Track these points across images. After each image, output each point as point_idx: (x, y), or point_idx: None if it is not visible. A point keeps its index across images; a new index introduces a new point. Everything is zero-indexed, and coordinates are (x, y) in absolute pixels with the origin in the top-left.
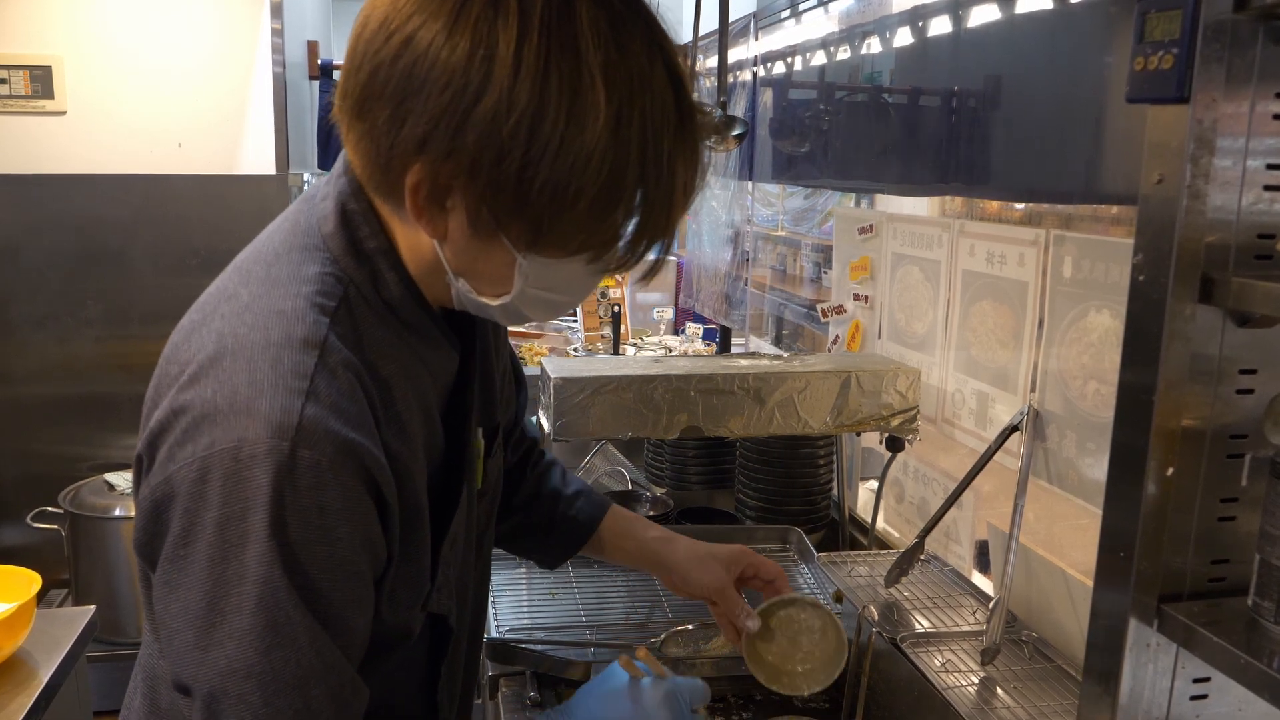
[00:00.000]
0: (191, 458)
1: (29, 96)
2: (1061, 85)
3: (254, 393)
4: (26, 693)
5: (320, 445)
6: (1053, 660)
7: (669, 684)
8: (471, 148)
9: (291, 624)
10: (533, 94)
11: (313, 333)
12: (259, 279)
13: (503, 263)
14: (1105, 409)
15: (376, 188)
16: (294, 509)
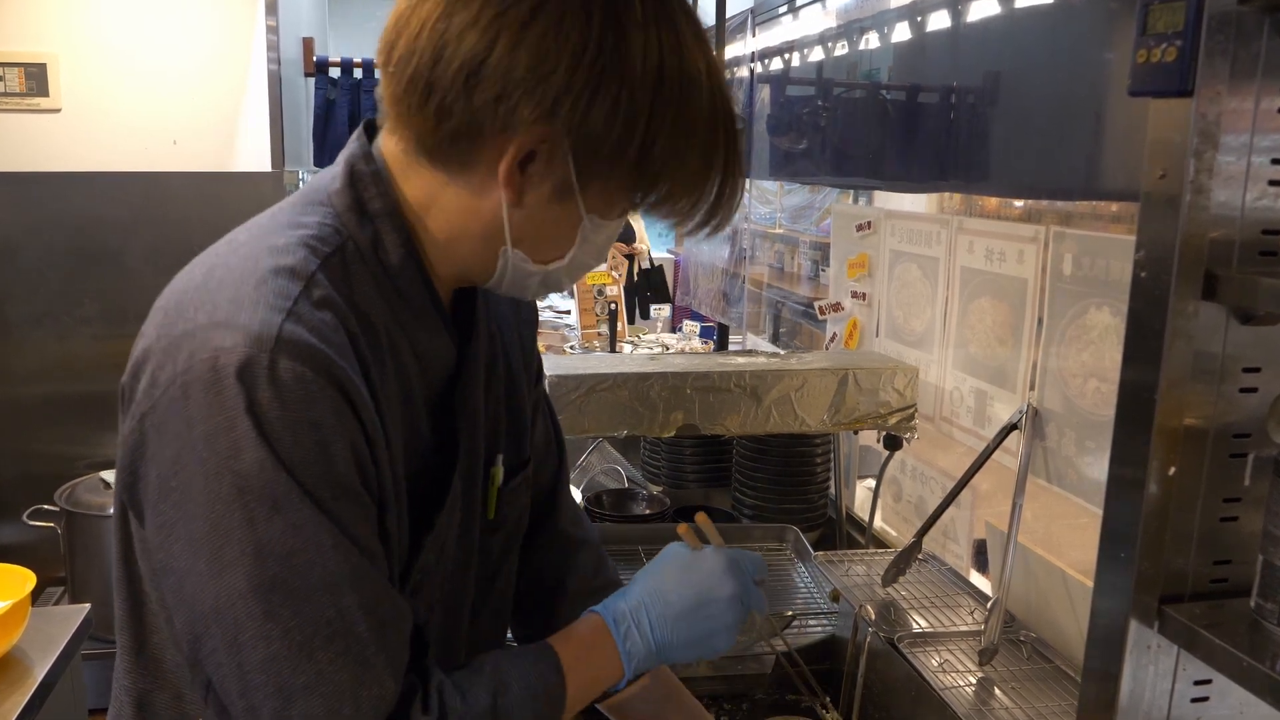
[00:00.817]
0: (172, 377)
1: (24, 94)
2: (1061, 81)
3: (232, 310)
4: (21, 691)
5: (303, 358)
6: (1051, 660)
7: (731, 553)
8: (602, 111)
9: (308, 525)
10: (657, 56)
11: (301, 265)
12: (251, 225)
13: (569, 226)
14: (1105, 407)
15: (439, 157)
16: (283, 422)
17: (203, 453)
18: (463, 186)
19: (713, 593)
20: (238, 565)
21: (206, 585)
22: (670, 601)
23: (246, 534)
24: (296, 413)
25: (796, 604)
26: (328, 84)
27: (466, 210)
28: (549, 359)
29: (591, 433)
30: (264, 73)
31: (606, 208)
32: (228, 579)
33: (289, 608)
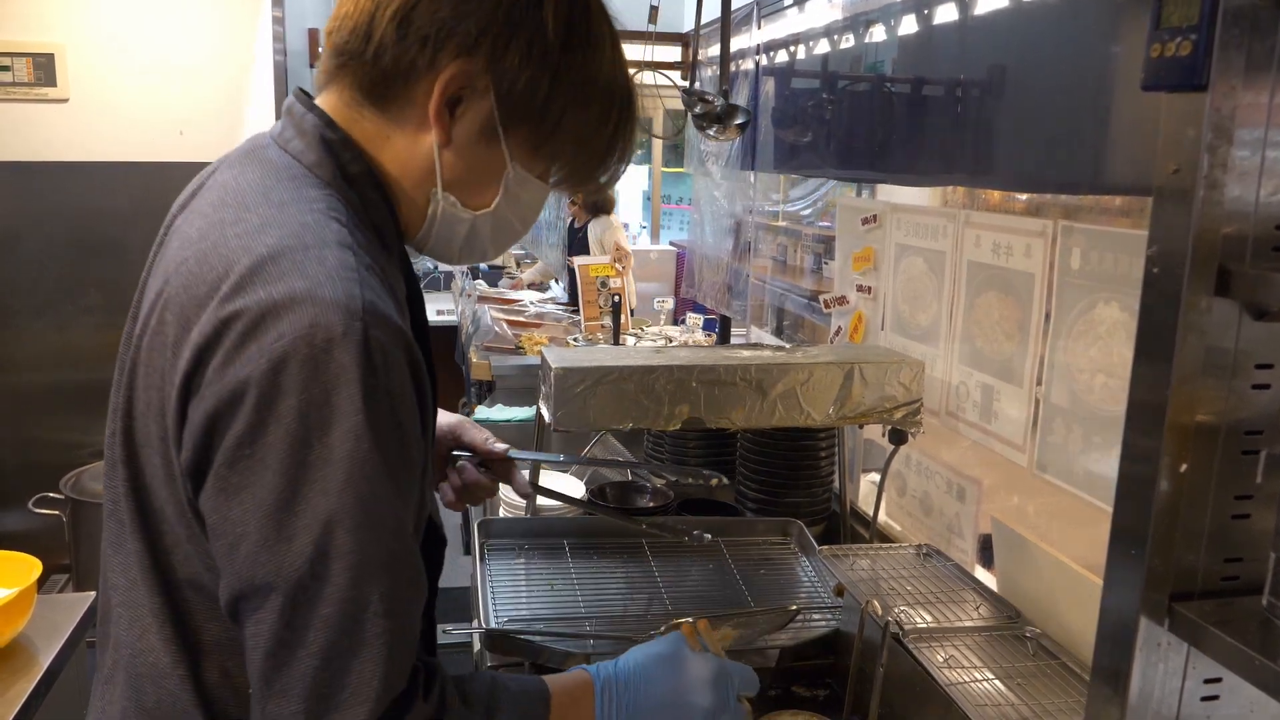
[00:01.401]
0: (258, 353)
1: (32, 84)
2: (1068, 74)
3: (312, 285)
4: (27, 678)
5: (385, 328)
6: (1056, 657)
7: (722, 663)
8: (517, 54)
9: (378, 502)
10: (567, 14)
11: (341, 236)
12: (259, 204)
13: (493, 171)
14: (1113, 402)
15: (379, 100)
16: (372, 391)
17: (289, 422)
18: (400, 134)
19: (689, 698)
20: (308, 531)
21: (270, 549)
22: (651, 693)
23: (321, 504)
24: (384, 382)
25: (800, 598)
26: None
27: (404, 155)
28: (553, 352)
29: (597, 425)
30: (269, 64)
31: (527, 158)
32: (296, 544)
33: (348, 577)
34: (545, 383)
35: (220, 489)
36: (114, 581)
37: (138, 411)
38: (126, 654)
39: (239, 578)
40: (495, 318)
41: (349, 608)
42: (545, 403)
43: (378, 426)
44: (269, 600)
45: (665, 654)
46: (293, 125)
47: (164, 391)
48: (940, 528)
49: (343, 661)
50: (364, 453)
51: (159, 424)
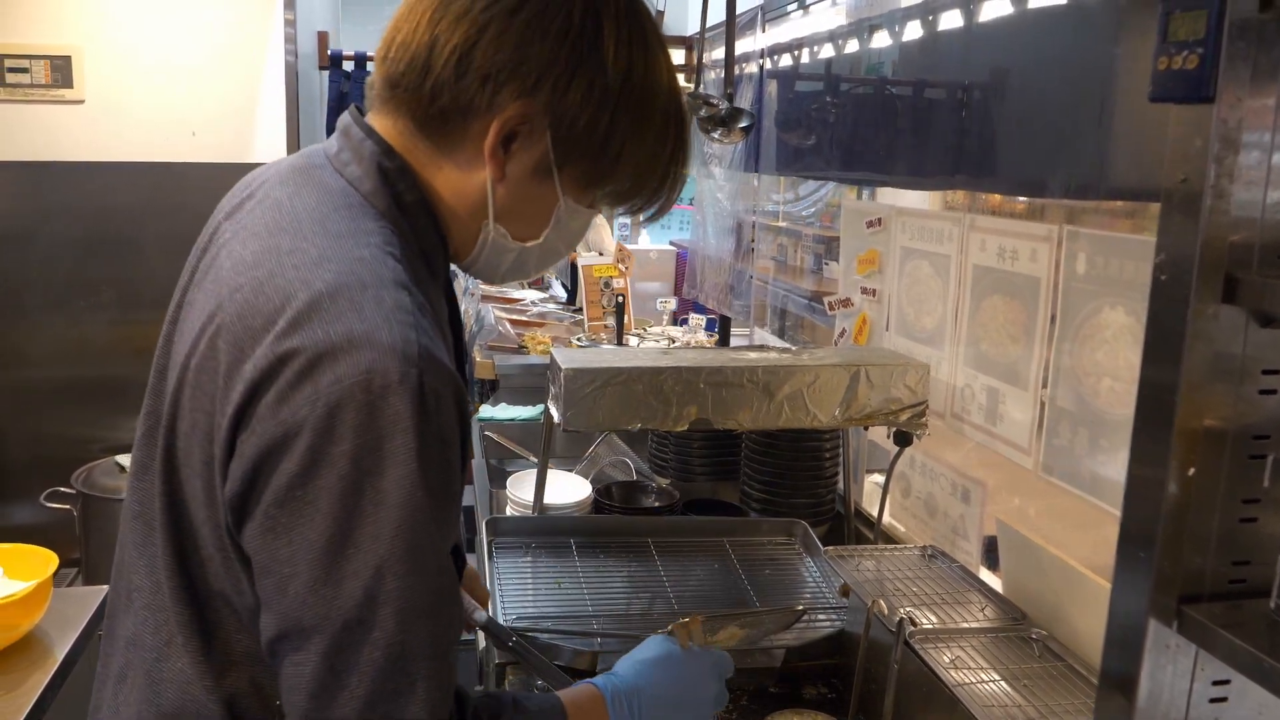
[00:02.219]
0: (314, 396)
1: (49, 85)
2: (1074, 79)
3: (370, 328)
4: (43, 669)
5: (438, 373)
6: (1063, 659)
7: (712, 654)
8: (578, 94)
9: (425, 548)
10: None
11: (397, 274)
12: (317, 234)
13: (545, 206)
14: (1119, 406)
15: (433, 135)
16: (424, 436)
17: (343, 466)
18: (453, 165)
19: (695, 692)
20: (357, 576)
21: (318, 592)
22: (659, 695)
23: (372, 549)
24: (435, 428)
25: (805, 598)
26: (341, 77)
27: (457, 187)
28: (562, 352)
29: (605, 426)
30: (281, 66)
31: (579, 192)
32: (346, 588)
33: (396, 621)
34: (555, 383)
35: (269, 528)
36: (137, 583)
37: (181, 430)
38: (149, 657)
39: (285, 617)
40: (498, 317)
41: (395, 651)
42: (554, 403)
43: (428, 471)
44: (312, 642)
45: (660, 656)
46: (350, 148)
47: (213, 419)
48: (945, 529)
49: (388, 706)
50: (417, 499)
51: (204, 449)
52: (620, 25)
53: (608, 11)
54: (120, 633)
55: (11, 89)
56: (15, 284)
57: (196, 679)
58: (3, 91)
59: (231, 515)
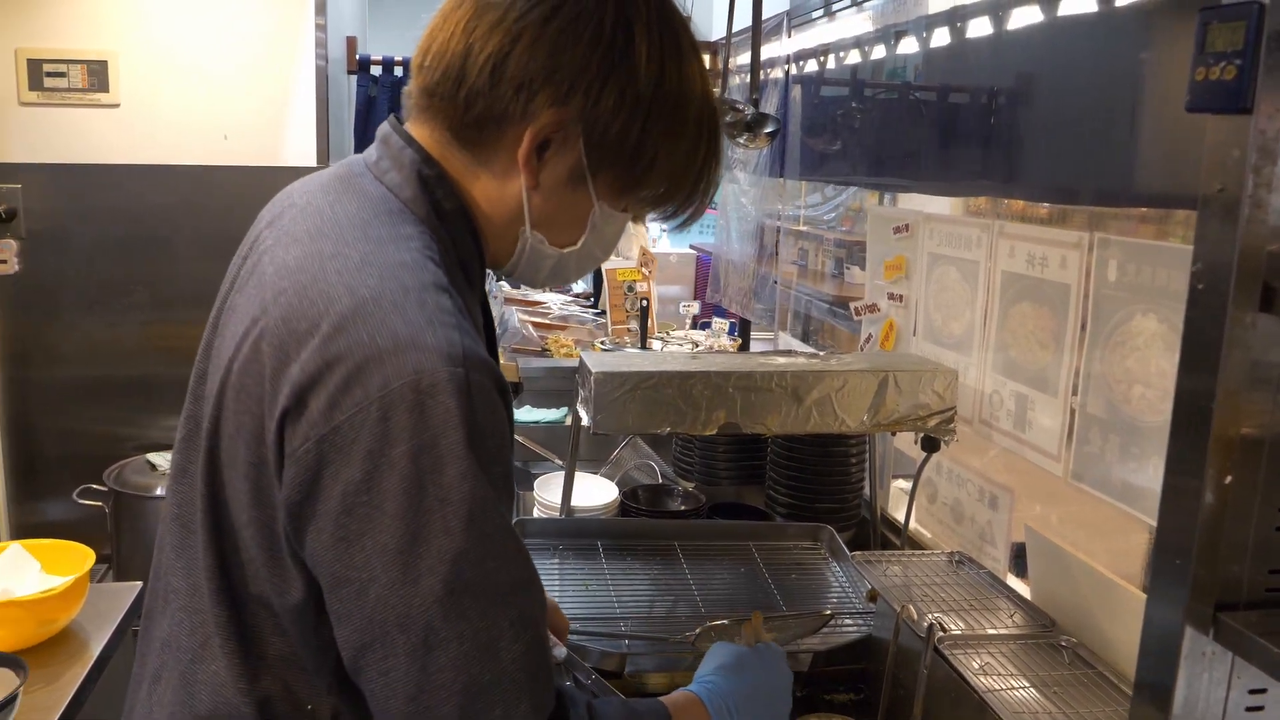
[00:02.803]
0: (365, 400)
1: (85, 90)
2: (1104, 85)
3: (414, 331)
4: (81, 663)
5: (483, 370)
6: (1093, 666)
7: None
8: (610, 101)
9: (497, 533)
10: (658, 59)
11: (437, 278)
12: (359, 239)
13: (580, 212)
14: (1151, 413)
15: (468, 144)
16: (476, 431)
17: (404, 468)
18: (489, 174)
19: (778, 682)
20: (434, 573)
21: (397, 592)
22: (750, 694)
23: (444, 543)
24: (486, 423)
25: (831, 603)
26: (369, 81)
27: (493, 195)
28: (592, 356)
29: (635, 429)
30: (312, 70)
31: (613, 198)
32: (424, 585)
33: (477, 609)
34: (584, 386)
35: (340, 536)
36: (175, 585)
37: (225, 432)
38: (185, 659)
39: (369, 624)
40: (522, 320)
41: (483, 639)
42: (584, 406)
43: (484, 464)
44: (398, 645)
45: (737, 658)
46: (389, 156)
47: (261, 421)
48: (972, 535)
49: (488, 696)
50: (478, 490)
51: (250, 450)
52: (652, 33)
53: (639, 20)
54: (156, 634)
55: (49, 93)
56: (50, 284)
57: (231, 681)
58: (40, 95)
59: (291, 522)
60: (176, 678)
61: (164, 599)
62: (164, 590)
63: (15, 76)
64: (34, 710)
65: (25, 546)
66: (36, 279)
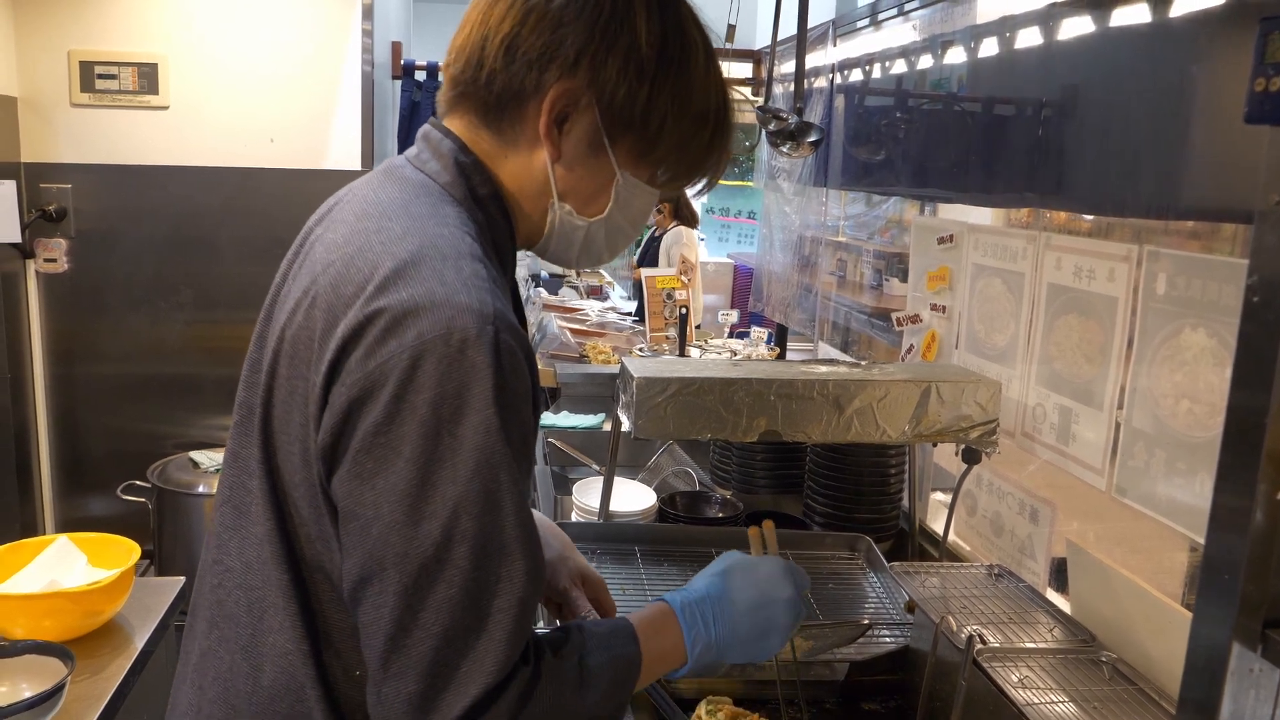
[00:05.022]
0: (399, 349)
1: (135, 92)
2: (1154, 97)
3: (450, 290)
4: (125, 655)
5: (512, 332)
6: (1134, 683)
7: (784, 560)
8: (614, 68)
9: (501, 490)
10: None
11: (473, 249)
12: (401, 216)
13: (604, 181)
14: (1198, 429)
15: (495, 123)
16: (501, 388)
17: (423, 413)
18: (515, 153)
19: (772, 594)
20: (435, 517)
21: (399, 531)
22: (733, 600)
23: (449, 490)
24: (511, 381)
25: (868, 613)
26: (413, 86)
27: (522, 172)
28: (634, 362)
29: (675, 435)
30: (358, 75)
31: (634, 165)
32: (424, 528)
33: (471, 560)
34: (625, 391)
35: (356, 474)
36: (229, 564)
37: (278, 399)
38: (246, 634)
39: (367, 559)
40: (560, 326)
41: (472, 588)
42: (625, 411)
43: (505, 420)
44: (390, 581)
45: (732, 565)
46: (429, 149)
47: (309, 380)
48: (1011, 549)
49: (464, 641)
50: (492, 444)
51: (301, 410)
52: (651, 4)
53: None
54: (207, 614)
55: (100, 94)
56: (98, 282)
57: (295, 647)
58: (91, 97)
59: (324, 465)
60: (239, 650)
61: (213, 587)
62: (216, 573)
63: (68, 78)
64: (80, 700)
65: (72, 539)
66: (84, 278)
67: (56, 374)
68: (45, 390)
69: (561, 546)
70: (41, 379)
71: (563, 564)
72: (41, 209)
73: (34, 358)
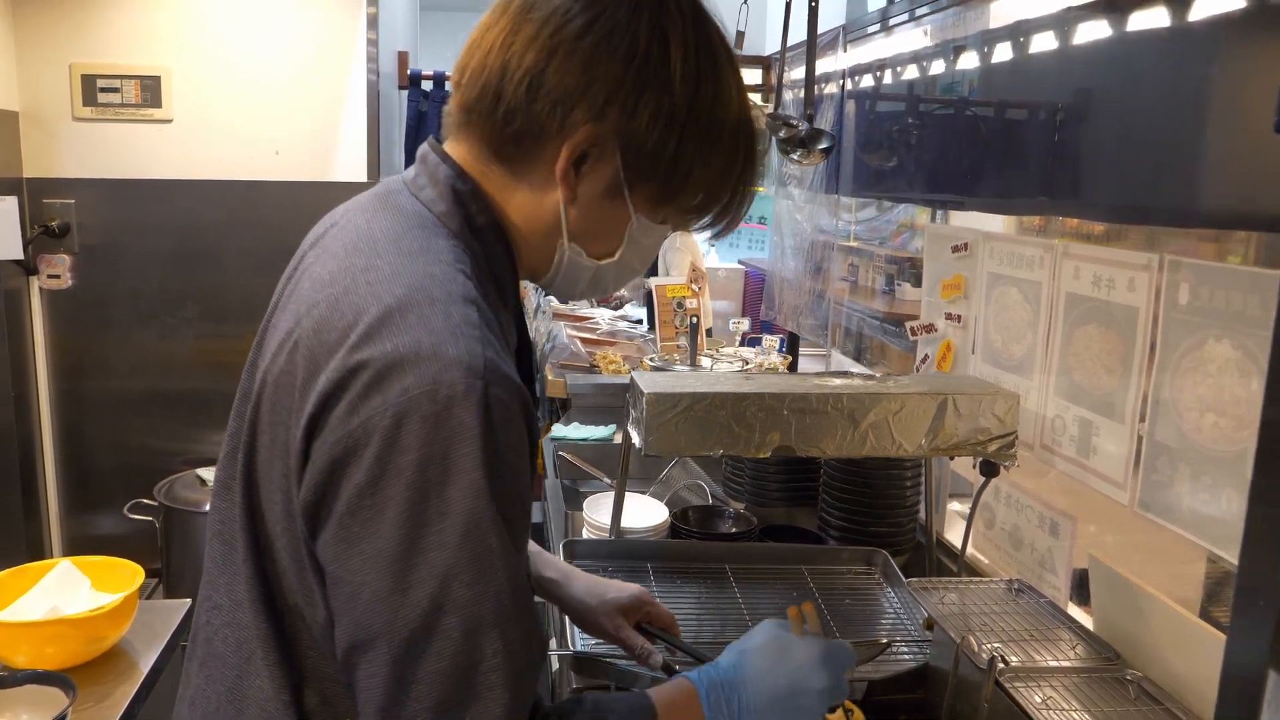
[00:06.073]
0: (382, 406)
1: (139, 105)
2: (1174, 104)
3: (437, 340)
4: (130, 681)
5: (504, 385)
6: (1160, 702)
7: (828, 641)
8: (645, 114)
9: (492, 556)
10: (693, 72)
11: (466, 290)
12: (391, 252)
13: (618, 224)
14: (1224, 442)
15: (506, 159)
16: (491, 447)
17: (410, 476)
18: (526, 188)
19: (806, 683)
20: (423, 586)
21: (386, 600)
22: (762, 689)
23: (437, 557)
24: (502, 438)
25: (885, 629)
26: (420, 96)
27: (531, 209)
28: (644, 376)
29: (686, 451)
30: (363, 86)
31: (651, 209)
32: (412, 597)
33: (460, 632)
34: (635, 407)
35: (342, 538)
36: (218, 601)
37: (261, 445)
38: (231, 674)
39: (357, 627)
40: (570, 335)
41: (462, 660)
42: (635, 427)
43: (495, 482)
44: (380, 652)
45: (767, 643)
46: (426, 173)
47: (290, 430)
48: (1031, 562)
49: (458, 713)
50: (481, 508)
51: (283, 461)
52: (688, 46)
53: (675, 33)
54: (200, 652)
55: (103, 108)
56: (102, 298)
57: (274, 694)
58: (94, 110)
59: (305, 524)
60: (224, 692)
61: (208, 616)
62: (208, 606)
63: (70, 92)
64: None
65: (75, 563)
66: (89, 293)
67: (61, 391)
68: (50, 408)
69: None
70: (46, 396)
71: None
72: (44, 225)
73: (38, 375)
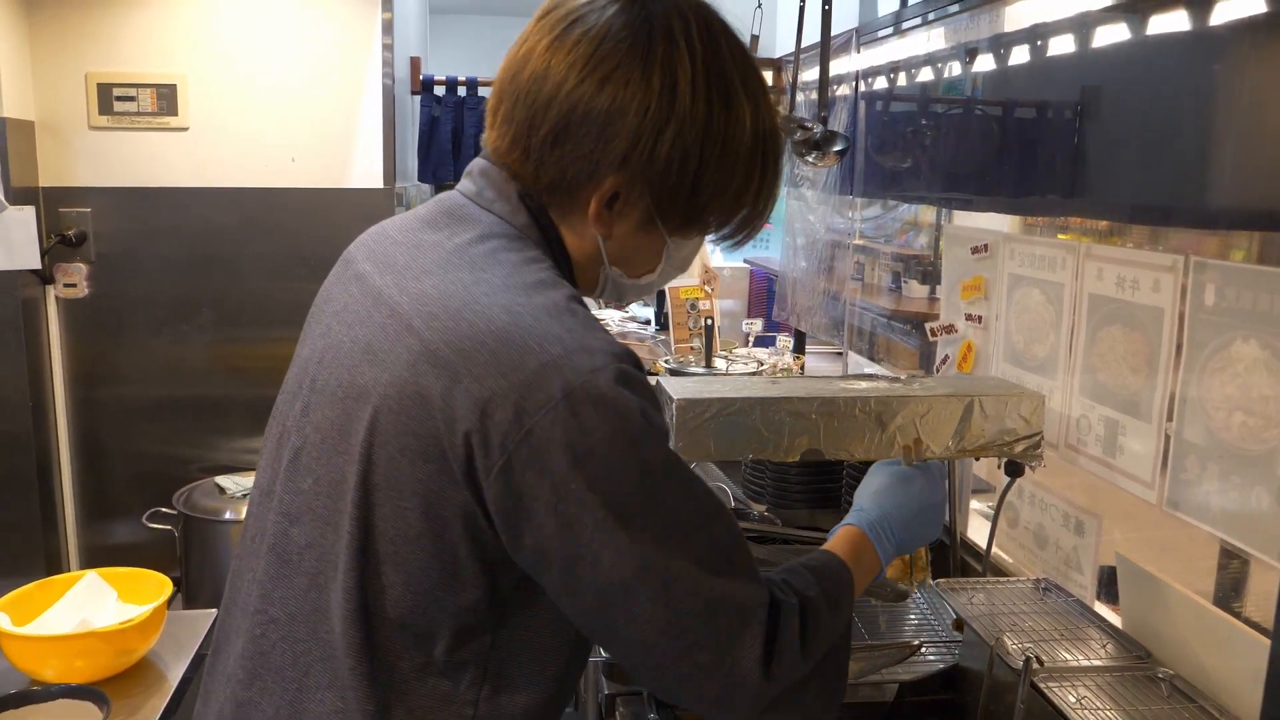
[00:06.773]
0: (549, 403)
1: (155, 113)
2: (1194, 104)
3: (575, 336)
4: (160, 694)
5: (635, 363)
6: (1194, 700)
7: (928, 467)
8: (662, 158)
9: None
10: (703, 111)
11: (572, 293)
12: (491, 264)
13: (655, 248)
14: (1254, 442)
15: (555, 204)
16: (653, 411)
17: (603, 451)
18: (568, 220)
19: (929, 500)
20: (650, 527)
21: (631, 549)
22: (903, 515)
23: (656, 503)
24: (654, 403)
25: (914, 630)
26: (432, 101)
27: (574, 238)
28: (672, 382)
29: (717, 457)
30: (379, 92)
31: (685, 229)
32: (647, 536)
33: (699, 538)
34: (665, 413)
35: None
36: (274, 615)
37: (380, 458)
38: (292, 689)
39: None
40: None
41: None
42: None
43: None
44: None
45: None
46: (491, 187)
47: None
48: (1056, 561)
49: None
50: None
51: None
52: (697, 83)
53: (684, 73)
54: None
55: (119, 116)
56: (119, 305)
57: (358, 708)
58: (110, 119)
59: (505, 525)
60: (284, 706)
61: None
62: (263, 621)
63: (86, 100)
64: None
65: (101, 575)
66: (105, 302)
67: (78, 400)
68: (67, 417)
69: None
70: (63, 405)
71: None
72: (61, 234)
73: (55, 384)
